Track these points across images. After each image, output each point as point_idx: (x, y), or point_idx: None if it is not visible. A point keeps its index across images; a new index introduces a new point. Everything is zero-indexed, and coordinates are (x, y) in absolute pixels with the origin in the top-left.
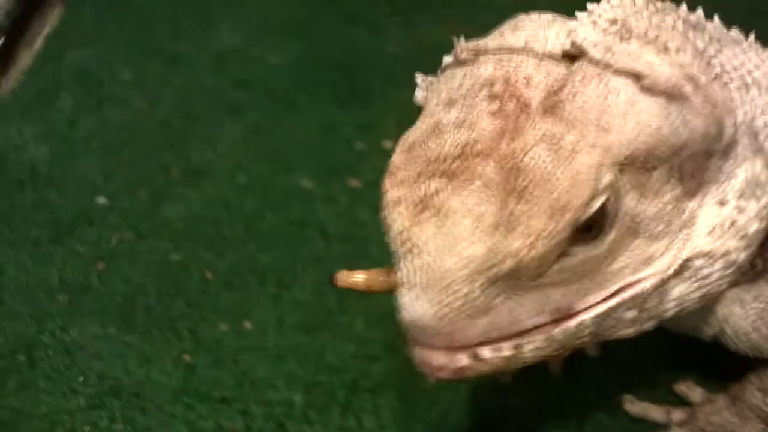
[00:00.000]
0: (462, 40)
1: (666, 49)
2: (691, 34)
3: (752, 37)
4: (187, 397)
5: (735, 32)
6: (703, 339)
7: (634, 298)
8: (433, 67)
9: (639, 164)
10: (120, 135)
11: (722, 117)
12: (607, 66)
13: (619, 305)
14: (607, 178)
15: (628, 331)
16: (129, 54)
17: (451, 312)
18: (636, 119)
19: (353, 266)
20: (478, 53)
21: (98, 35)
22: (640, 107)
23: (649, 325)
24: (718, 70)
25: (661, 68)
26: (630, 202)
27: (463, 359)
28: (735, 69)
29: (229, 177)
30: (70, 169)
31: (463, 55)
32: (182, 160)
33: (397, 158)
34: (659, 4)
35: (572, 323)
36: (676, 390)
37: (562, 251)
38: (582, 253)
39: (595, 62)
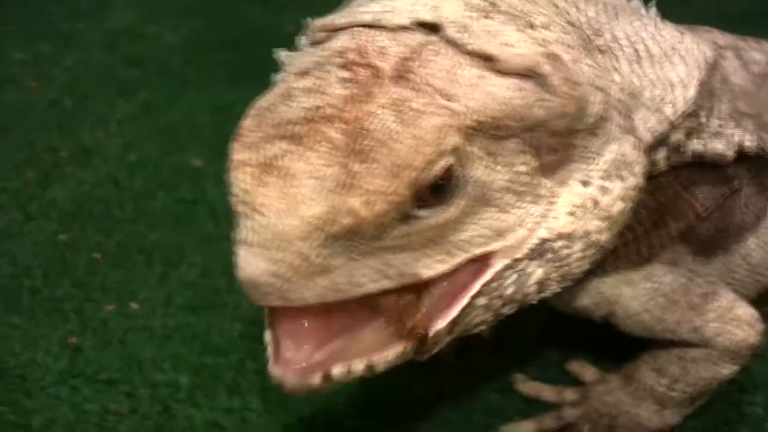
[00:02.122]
0: (313, 19)
1: (531, 25)
2: (581, 3)
3: (653, 8)
4: (72, 379)
5: (635, 3)
6: (595, 320)
7: (482, 288)
8: None
9: (488, 132)
10: (10, 115)
11: (585, 96)
12: (460, 46)
13: (471, 299)
14: (451, 141)
15: (487, 319)
16: (21, 33)
17: (287, 270)
18: (485, 90)
19: None
20: (330, 31)
21: None
22: (490, 81)
23: (508, 310)
24: (608, 37)
25: (518, 48)
26: (479, 170)
27: (314, 379)
28: (628, 39)
29: (119, 156)
30: None
31: (318, 35)
32: (72, 140)
33: (246, 122)
34: None
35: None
36: (568, 369)
37: (405, 214)
38: (428, 218)
39: (448, 39)
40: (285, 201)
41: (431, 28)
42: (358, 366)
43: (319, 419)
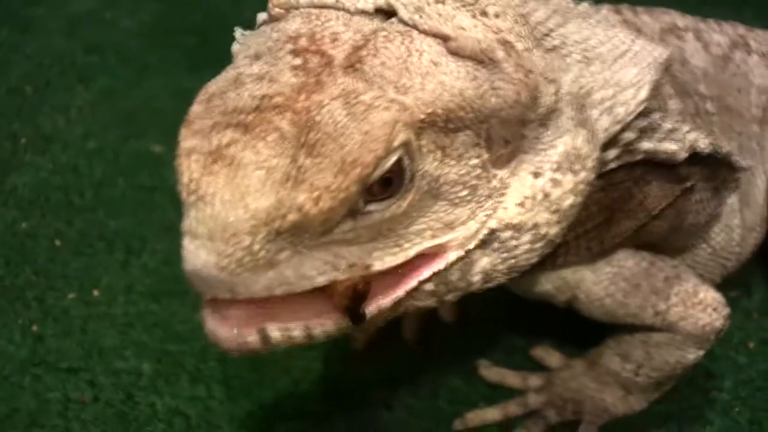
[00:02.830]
0: None
1: (484, 13)
2: (531, 3)
3: (604, 12)
4: (34, 367)
5: (584, 6)
6: (558, 306)
7: (436, 274)
8: None
9: (440, 126)
10: None
11: (538, 85)
12: (414, 26)
13: (420, 284)
14: (401, 137)
15: (430, 303)
16: None
17: (233, 263)
18: (438, 80)
19: None
20: (289, 8)
21: None
22: (444, 69)
23: (452, 297)
24: (557, 42)
25: (472, 32)
26: (430, 164)
27: (250, 337)
28: (577, 42)
29: (78, 143)
30: None
31: (275, 11)
32: (31, 128)
33: (194, 108)
34: None
35: (371, 310)
36: (533, 355)
37: (354, 208)
38: (378, 212)
39: (404, 22)
40: (232, 191)
41: (387, 13)
42: (296, 330)
43: (282, 406)
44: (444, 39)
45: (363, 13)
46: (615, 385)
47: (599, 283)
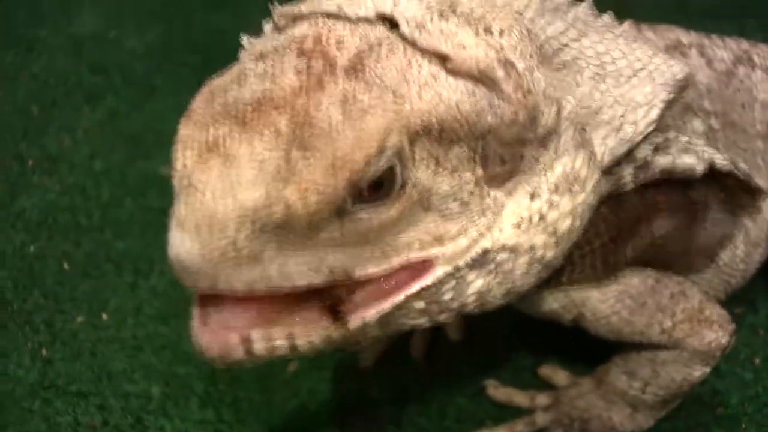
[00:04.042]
0: (277, 6)
1: (488, 30)
2: (548, 16)
3: (625, 25)
4: (44, 391)
5: (607, 18)
6: (564, 324)
7: (424, 290)
8: None
9: (435, 136)
10: None
11: (537, 105)
12: (413, 44)
13: (408, 299)
14: (393, 141)
15: (422, 322)
16: None
17: (216, 254)
18: (435, 91)
19: None
20: (294, 18)
21: None
22: (442, 83)
23: (445, 318)
24: (574, 54)
25: (472, 51)
26: (423, 173)
27: (233, 344)
28: (597, 55)
29: (85, 164)
30: None
31: (281, 22)
32: (38, 149)
33: (196, 101)
34: None
35: (355, 322)
36: (540, 374)
37: (341, 210)
38: (366, 217)
39: (404, 37)
40: (223, 183)
41: (391, 22)
42: (280, 341)
43: (291, 428)
44: (442, 59)
45: (366, 20)
46: (622, 403)
47: (605, 301)
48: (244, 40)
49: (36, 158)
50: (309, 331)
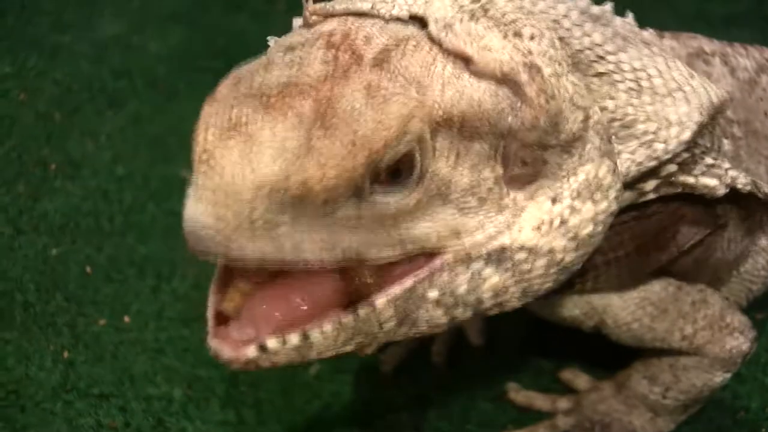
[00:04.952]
0: (311, 2)
1: (518, 34)
2: (588, 26)
3: (666, 41)
4: (66, 393)
5: (648, 34)
6: (585, 330)
7: (432, 274)
8: None
9: (456, 130)
10: None
11: (561, 112)
12: (439, 44)
13: (417, 283)
14: (415, 129)
15: (438, 316)
16: (9, 46)
17: (230, 224)
18: (457, 88)
19: None
20: (326, 16)
21: None
22: (465, 81)
23: (461, 313)
24: (611, 67)
25: (498, 54)
26: (442, 166)
27: (250, 350)
28: (633, 70)
29: (108, 168)
30: None
31: (313, 18)
32: (61, 153)
33: (221, 86)
34: None
35: (364, 307)
36: (561, 378)
37: (358, 190)
38: (384, 202)
39: (431, 37)
40: (242, 163)
41: (422, 22)
42: (293, 337)
43: (312, 431)
44: (466, 60)
45: (398, 20)
46: (643, 408)
47: (626, 308)
48: (271, 41)
49: (59, 163)
50: (322, 322)
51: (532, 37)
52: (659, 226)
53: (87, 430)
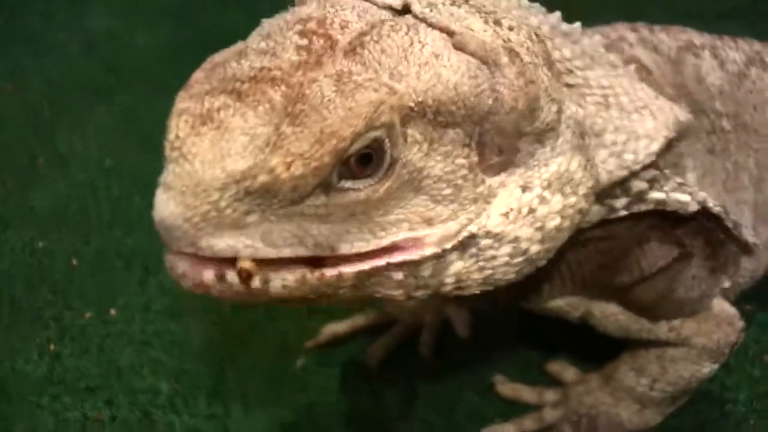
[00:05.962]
0: None
1: (498, 22)
2: (558, 41)
3: (632, 66)
4: (52, 387)
5: (614, 57)
6: (572, 321)
7: (406, 264)
8: None
9: (429, 118)
10: None
11: (538, 97)
12: (423, 20)
13: (388, 267)
14: (384, 118)
15: (395, 293)
16: None
17: (198, 216)
18: (435, 71)
19: None
20: None
21: None
22: (443, 62)
23: (420, 294)
24: (579, 81)
25: (480, 35)
26: (415, 154)
27: (207, 274)
28: (601, 87)
29: (96, 161)
30: None
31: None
32: (49, 147)
33: (196, 74)
34: (528, 3)
35: (331, 273)
36: (548, 370)
37: (326, 181)
38: (353, 191)
39: (415, 16)
40: (213, 153)
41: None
42: (255, 280)
43: (300, 424)
44: (449, 34)
45: (390, 9)
46: (630, 400)
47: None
48: (265, 24)
49: (47, 155)
50: (285, 273)
51: (510, 28)
52: (624, 247)
53: (73, 423)
